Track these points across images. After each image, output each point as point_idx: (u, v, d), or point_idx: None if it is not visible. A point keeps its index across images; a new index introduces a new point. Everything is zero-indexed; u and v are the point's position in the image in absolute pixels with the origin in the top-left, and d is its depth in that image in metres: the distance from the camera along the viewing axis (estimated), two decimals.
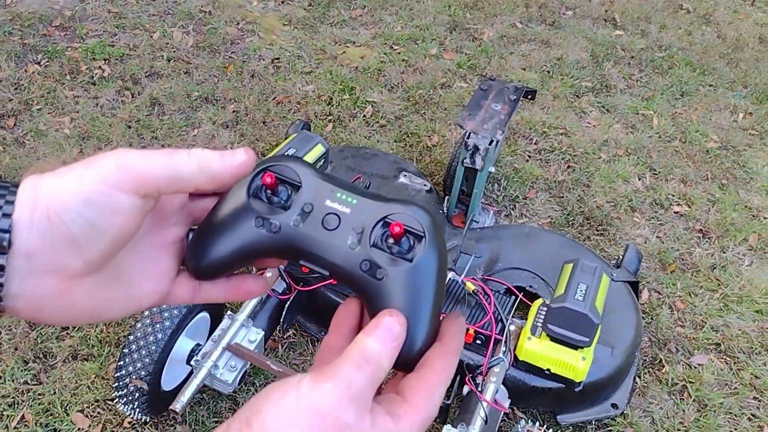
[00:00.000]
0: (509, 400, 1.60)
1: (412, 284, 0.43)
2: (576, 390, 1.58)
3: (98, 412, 1.68)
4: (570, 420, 1.71)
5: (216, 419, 1.67)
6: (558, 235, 2.11)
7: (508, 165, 2.55)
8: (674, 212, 2.41)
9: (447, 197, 2.17)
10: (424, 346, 0.43)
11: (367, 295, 0.44)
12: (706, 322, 2.01)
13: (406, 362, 0.43)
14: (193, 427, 1.65)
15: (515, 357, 1.61)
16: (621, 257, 2.00)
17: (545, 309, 1.61)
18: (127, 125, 2.61)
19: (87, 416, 1.67)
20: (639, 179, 2.54)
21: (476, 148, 1.96)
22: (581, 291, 1.52)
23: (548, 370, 1.57)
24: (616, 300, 1.77)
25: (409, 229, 0.44)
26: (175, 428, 1.65)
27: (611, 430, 1.71)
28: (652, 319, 2.01)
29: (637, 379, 1.83)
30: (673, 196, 2.48)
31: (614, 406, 1.73)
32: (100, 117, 2.63)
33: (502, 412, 1.57)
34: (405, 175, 2.22)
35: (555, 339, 1.54)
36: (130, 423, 1.65)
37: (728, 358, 1.92)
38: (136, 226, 0.42)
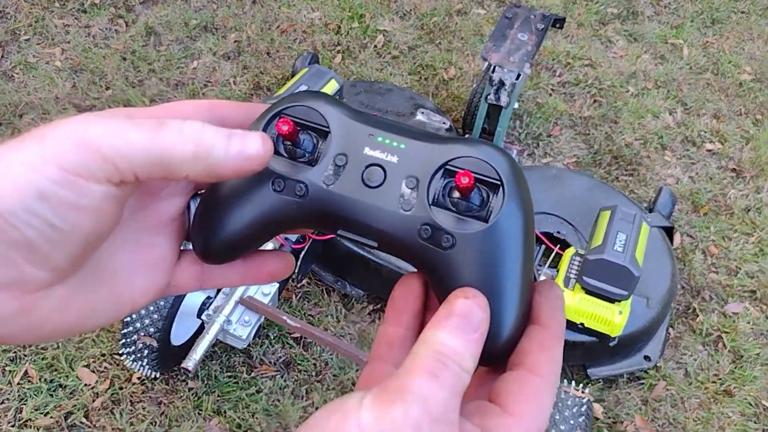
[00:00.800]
0: None
1: (492, 252, 0.32)
2: (610, 344, 1.49)
3: (105, 367, 1.60)
4: (601, 374, 1.63)
5: (230, 374, 1.59)
6: (587, 176, 1.97)
7: (530, 100, 2.39)
8: (707, 150, 2.27)
9: (467, 135, 2.03)
10: (516, 333, 0.33)
11: (432, 270, 0.33)
12: (740, 268, 1.91)
13: (493, 357, 0.33)
14: (205, 382, 1.58)
15: None
16: (654, 200, 1.88)
17: (579, 260, 1.51)
18: (122, 57, 2.43)
19: (93, 371, 1.59)
20: (669, 114, 2.39)
21: (501, 84, 1.81)
22: (620, 241, 1.42)
23: (582, 324, 1.48)
24: (651, 247, 1.66)
25: (480, 177, 0.33)
26: (187, 383, 1.57)
27: (643, 384, 1.64)
28: (684, 265, 1.90)
29: (670, 329, 1.75)
30: (706, 132, 2.34)
31: (647, 358, 1.65)
32: (92, 48, 2.46)
33: None
34: (422, 112, 2.07)
35: (590, 292, 1.44)
36: (139, 379, 1.57)
37: (764, 306, 1.83)
38: (112, 220, 0.31)
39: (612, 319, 1.44)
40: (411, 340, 0.36)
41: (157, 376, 1.56)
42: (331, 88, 1.73)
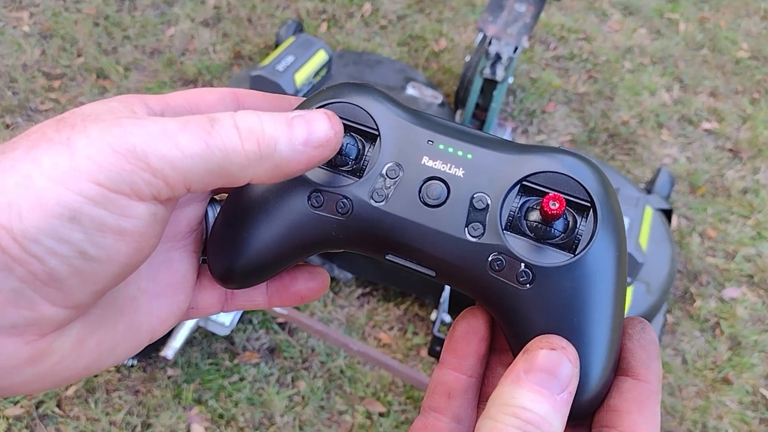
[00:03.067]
0: None
1: (579, 290, 0.27)
2: None
3: None
4: None
5: (211, 361, 1.51)
6: (586, 154, 1.89)
7: (523, 74, 2.31)
8: (704, 129, 2.22)
9: (460, 111, 1.95)
10: (605, 387, 0.28)
11: (504, 310, 0.27)
12: (738, 252, 1.86)
13: (577, 414, 0.28)
14: (185, 369, 1.50)
15: None
16: (652, 181, 1.82)
17: None
18: (94, 22, 2.30)
19: None
20: (666, 92, 2.33)
21: (498, 57, 1.73)
22: (625, 225, 1.35)
23: None
24: (651, 231, 1.61)
25: (567, 197, 0.27)
26: (166, 371, 1.49)
27: None
28: (682, 248, 1.85)
29: (668, 315, 1.70)
30: (702, 111, 2.28)
31: None
32: (63, 12, 2.32)
33: None
34: (413, 86, 1.97)
35: None
36: (116, 367, 1.48)
37: (762, 291, 1.79)
38: (153, 245, 0.26)
39: None
40: (473, 389, 0.30)
41: (134, 363, 1.48)
42: (319, 58, 1.63)
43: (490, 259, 0.27)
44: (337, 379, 1.51)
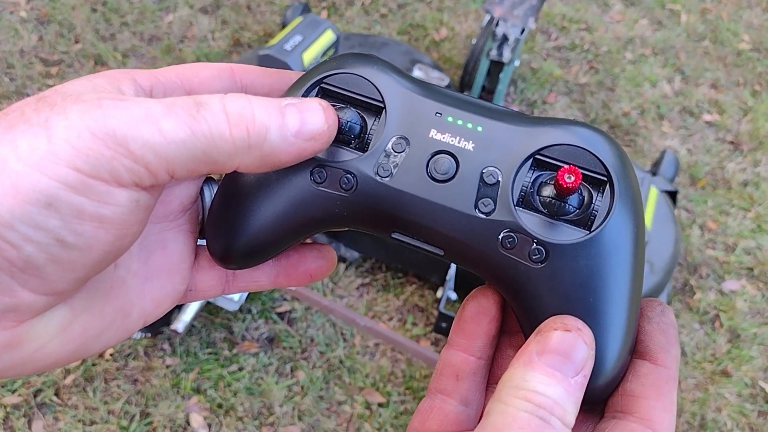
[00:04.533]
0: None
1: (595, 268, 0.25)
2: None
3: None
4: None
5: (210, 350, 1.50)
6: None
7: (524, 64, 2.29)
8: (704, 121, 2.21)
9: (465, 94, 1.94)
10: (621, 370, 0.27)
11: (516, 289, 0.26)
12: (738, 244, 1.86)
13: (592, 398, 0.26)
14: (184, 359, 1.49)
15: None
16: (656, 164, 1.84)
17: None
18: (92, 8, 2.27)
19: None
20: (667, 83, 2.32)
21: (505, 39, 1.72)
22: None
23: None
24: (655, 212, 1.63)
25: (584, 172, 0.25)
26: (164, 360, 1.49)
27: None
28: (682, 240, 1.85)
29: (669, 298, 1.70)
30: (704, 102, 2.27)
31: None
32: None
33: None
34: (419, 68, 1.98)
35: None
36: (111, 355, 1.48)
37: (761, 284, 1.79)
38: (136, 232, 0.25)
39: None
40: (482, 372, 0.30)
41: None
42: (326, 38, 1.63)
43: (501, 236, 0.26)
44: (336, 369, 1.51)
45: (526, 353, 0.24)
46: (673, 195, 1.75)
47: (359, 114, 0.28)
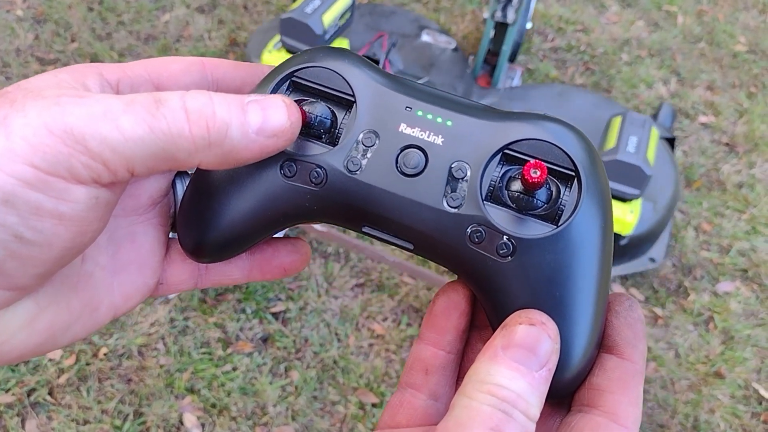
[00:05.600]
0: None
1: (562, 263, 0.25)
2: (621, 244, 1.59)
3: None
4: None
5: (204, 350, 1.50)
6: (591, 93, 2.00)
7: (521, 65, 2.29)
8: (700, 123, 2.21)
9: (472, 56, 2.03)
10: (588, 364, 0.27)
11: (483, 283, 0.26)
12: (732, 246, 1.87)
13: (558, 392, 0.27)
14: (177, 358, 1.49)
15: None
16: (655, 115, 1.90)
17: None
18: (88, 7, 2.27)
19: None
20: (663, 84, 2.32)
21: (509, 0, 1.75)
22: (633, 143, 1.49)
23: None
24: (656, 155, 1.71)
25: (550, 166, 0.25)
26: (158, 360, 1.49)
27: None
28: (676, 242, 1.85)
29: (661, 308, 1.70)
30: (699, 104, 2.27)
31: (652, 260, 1.71)
32: None
33: None
34: (427, 33, 2.04)
35: None
36: (105, 355, 1.48)
37: (756, 286, 1.79)
38: (97, 229, 0.24)
39: (624, 218, 1.53)
40: (452, 366, 0.30)
41: (125, 352, 1.47)
42: (344, 2, 1.70)
43: (469, 230, 0.26)
44: (330, 369, 1.51)
45: (491, 347, 0.24)
46: (671, 142, 1.85)
47: (330, 108, 0.28)
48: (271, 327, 1.56)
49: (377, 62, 1.87)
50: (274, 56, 1.76)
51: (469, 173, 0.26)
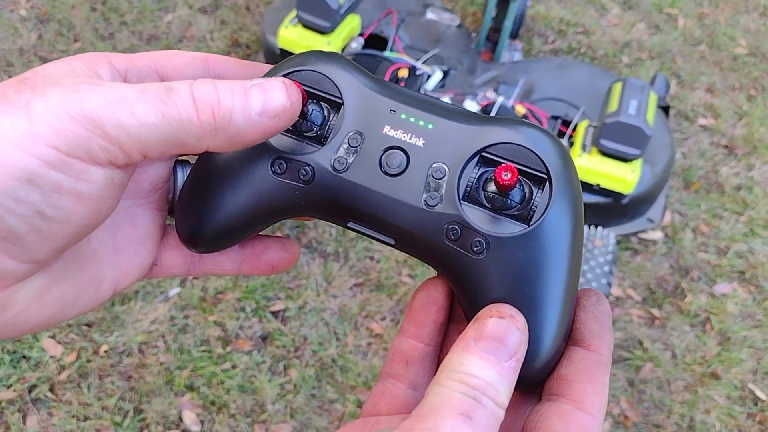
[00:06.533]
0: None
1: (532, 260, 0.27)
2: (622, 203, 1.69)
3: (71, 338, 1.52)
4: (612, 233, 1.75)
5: (203, 348, 1.52)
6: (589, 65, 2.09)
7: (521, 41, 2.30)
8: (699, 125, 2.22)
9: (475, 34, 2.09)
10: (556, 355, 0.28)
11: (458, 278, 0.28)
12: (730, 248, 1.87)
13: (527, 382, 0.29)
14: (177, 356, 1.50)
15: None
16: (651, 84, 1.93)
17: (593, 128, 1.69)
18: (91, 7, 2.29)
19: (59, 342, 1.51)
20: None
21: None
22: (633, 106, 1.56)
23: (597, 185, 1.65)
24: (654, 115, 1.76)
25: (523, 169, 0.27)
26: (158, 357, 1.50)
27: (630, 365, 1.61)
28: (674, 243, 1.86)
29: (658, 309, 1.71)
30: (699, 107, 2.28)
31: (650, 220, 1.82)
32: None
33: None
34: (432, 11, 2.08)
35: (606, 154, 1.61)
36: (106, 352, 1.49)
37: (752, 287, 1.80)
38: (111, 207, 0.27)
39: (625, 177, 1.62)
40: (431, 358, 0.31)
41: (125, 349, 1.48)
42: None
43: (445, 228, 0.27)
44: (328, 368, 1.52)
45: (464, 339, 0.26)
46: (666, 110, 1.91)
47: (319, 109, 0.29)
48: (270, 326, 1.57)
49: (385, 40, 1.90)
50: (290, 31, 1.81)
51: (447, 174, 0.28)
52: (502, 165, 0.26)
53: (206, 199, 0.30)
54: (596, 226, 1.72)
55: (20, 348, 1.48)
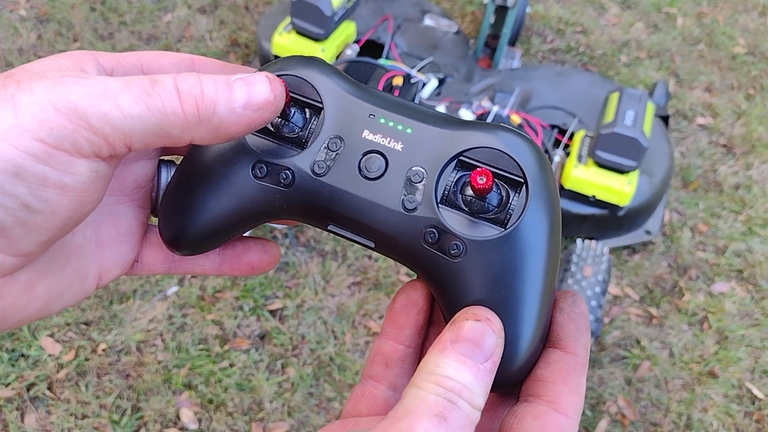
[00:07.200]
0: None
1: (509, 263, 0.27)
2: (619, 215, 1.67)
3: (70, 337, 1.52)
4: (608, 246, 1.72)
5: (201, 346, 1.52)
6: (589, 73, 2.06)
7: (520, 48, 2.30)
8: (698, 124, 2.22)
9: (473, 40, 2.08)
10: (533, 357, 0.28)
11: (437, 281, 0.28)
12: (728, 247, 1.87)
13: (505, 383, 0.29)
14: (175, 354, 1.51)
15: (560, 186, 1.61)
16: (650, 93, 1.94)
17: (590, 139, 1.66)
18: (91, 7, 2.29)
19: (57, 341, 1.51)
20: None
21: None
22: (630, 117, 1.53)
23: (593, 197, 1.63)
24: (652, 131, 1.75)
25: (500, 172, 0.27)
26: (156, 356, 1.51)
27: (627, 363, 1.61)
28: (672, 242, 1.86)
29: (656, 308, 1.71)
30: (697, 106, 2.28)
31: (647, 232, 1.78)
32: None
33: None
34: (430, 17, 2.07)
35: (602, 165, 1.58)
36: (104, 350, 1.49)
37: (751, 286, 1.80)
38: (96, 200, 0.27)
39: (621, 189, 1.60)
40: (411, 360, 0.32)
41: (124, 347, 1.49)
42: None
43: (423, 231, 0.28)
44: (326, 366, 1.52)
45: (441, 341, 0.26)
46: (665, 119, 1.90)
47: (301, 113, 0.30)
48: (268, 324, 1.58)
49: (383, 46, 1.90)
50: (284, 38, 1.80)
51: (425, 178, 0.28)
52: (477, 169, 0.26)
53: (189, 203, 0.30)
54: (591, 240, 1.67)
55: (19, 346, 1.49)
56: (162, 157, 0.33)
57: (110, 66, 0.29)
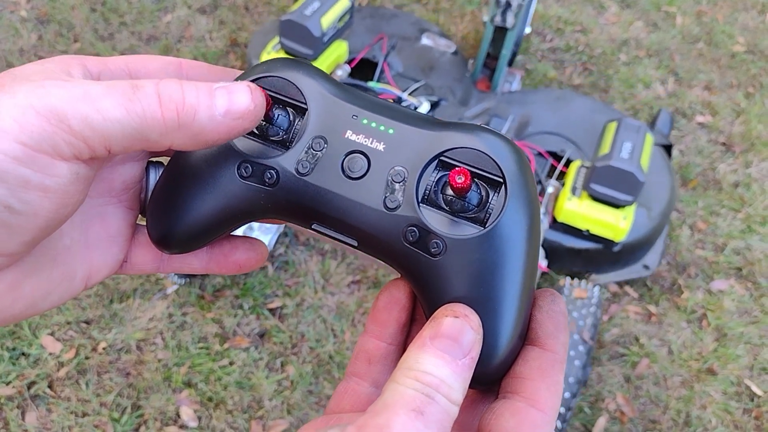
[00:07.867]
0: (546, 261, 1.59)
1: (488, 261, 0.27)
2: (614, 250, 1.60)
3: (70, 335, 1.53)
4: (603, 280, 1.67)
5: (201, 344, 1.53)
6: (590, 98, 2.00)
7: (518, 65, 2.31)
8: (697, 123, 2.22)
9: (472, 60, 2.04)
10: (512, 354, 0.29)
11: (418, 279, 0.28)
12: (727, 245, 1.88)
13: (484, 380, 0.29)
14: (175, 353, 1.51)
15: (553, 219, 1.57)
16: (653, 122, 1.91)
17: (585, 169, 1.60)
18: (91, 8, 2.30)
19: (58, 339, 1.52)
20: (661, 84, 2.33)
21: (508, 4, 1.77)
22: (627, 149, 1.49)
23: (587, 231, 1.57)
24: (652, 162, 1.71)
25: (479, 172, 0.27)
26: (156, 354, 1.51)
27: (626, 361, 1.61)
28: (671, 240, 1.87)
29: (655, 306, 1.71)
30: (697, 104, 2.28)
31: (646, 267, 1.70)
32: None
33: (541, 272, 1.58)
34: (428, 36, 2.05)
35: (597, 199, 1.53)
36: (104, 349, 1.50)
37: (749, 284, 1.80)
38: (78, 201, 0.27)
39: (617, 224, 1.54)
40: (393, 357, 0.32)
41: (124, 346, 1.49)
42: (342, 5, 1.72)
43: (404, 230, 0.28)
44: (325, 364, 1.53)
45: (420, 338, 0.26)
46: (668, 149, 1.85)
47: (286, 114, 0.30)
48: (267, 323, 1.58)
49: (376, 65, 1.89)
50: (272, 57, 1.77)
51: (407, 177, 0.29)
52: (456, 168, 0.27)
53: (176, 202, 0.31)
54: (579, 279, 1.60)
55: (19, 345, 1.50)
56: (150, 159, 0.34)
57: (97, 70, 0.30)
